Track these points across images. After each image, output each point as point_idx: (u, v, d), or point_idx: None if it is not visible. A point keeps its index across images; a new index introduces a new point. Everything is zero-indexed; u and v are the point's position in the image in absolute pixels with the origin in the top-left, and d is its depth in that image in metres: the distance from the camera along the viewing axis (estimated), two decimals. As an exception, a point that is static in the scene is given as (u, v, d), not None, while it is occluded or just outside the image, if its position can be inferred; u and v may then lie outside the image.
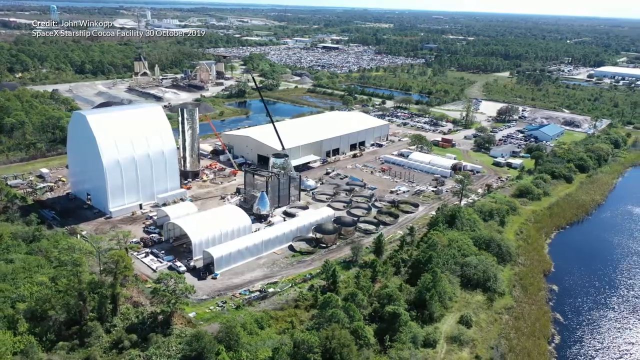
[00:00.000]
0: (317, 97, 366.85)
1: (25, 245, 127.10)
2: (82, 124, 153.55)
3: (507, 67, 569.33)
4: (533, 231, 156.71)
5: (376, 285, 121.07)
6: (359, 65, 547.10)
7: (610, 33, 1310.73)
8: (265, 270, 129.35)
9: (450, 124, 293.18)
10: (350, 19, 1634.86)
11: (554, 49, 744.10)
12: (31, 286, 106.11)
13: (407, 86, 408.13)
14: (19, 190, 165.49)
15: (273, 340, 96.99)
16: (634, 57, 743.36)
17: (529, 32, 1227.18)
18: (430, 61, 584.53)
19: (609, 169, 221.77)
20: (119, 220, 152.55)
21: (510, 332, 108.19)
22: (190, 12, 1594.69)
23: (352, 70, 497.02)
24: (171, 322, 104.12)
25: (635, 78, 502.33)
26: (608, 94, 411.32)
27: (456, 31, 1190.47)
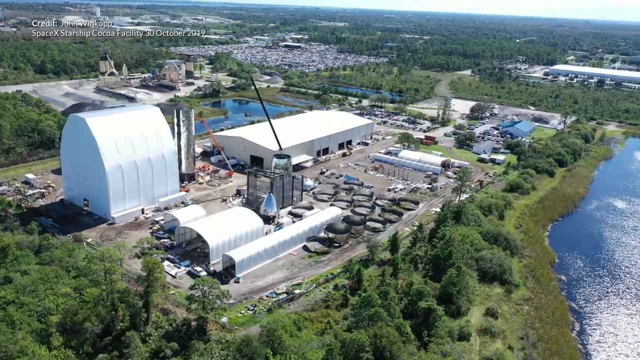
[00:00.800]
0: (291, 96, 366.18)
1: (33, 256, 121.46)
2: (81, 128, 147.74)
3: (468, 66, 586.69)
4: (531, 224, 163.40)
5: (398, 282, 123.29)
6: (325, 64, 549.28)
7: (554, 32, 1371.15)
8: (285, 271, 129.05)
9: (428, 121, 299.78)
10: (304, 17, 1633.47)
11: (508, 48, 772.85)
12: (56, 298, 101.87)
13: (378, 85, 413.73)
14: (8, 198, 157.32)
15: (316, 341, 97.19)
16: (581, 55, 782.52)
17: (479, 31, 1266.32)
18: (393, 60, 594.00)
19: (584, 163, 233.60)
20: (122, 226, 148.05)
21: (534, 322, 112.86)
22: (140, 10, 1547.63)
23: (320, 69, 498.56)
24: (206, 328, 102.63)
25: (587, 76, 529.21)
26: (566, 91, 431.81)
27: (410, 30, 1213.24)
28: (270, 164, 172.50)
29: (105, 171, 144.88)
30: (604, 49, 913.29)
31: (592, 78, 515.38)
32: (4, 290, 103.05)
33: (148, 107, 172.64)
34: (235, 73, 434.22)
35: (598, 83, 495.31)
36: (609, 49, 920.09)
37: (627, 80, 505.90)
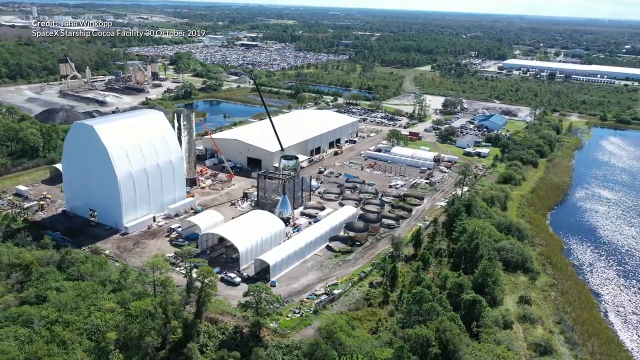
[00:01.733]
0: (264, 96, 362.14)
1: (58, 271, 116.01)
2: (88, 136, 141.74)
3: (426, 62, 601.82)
4: (532, 213, 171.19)
5: (429, 276, 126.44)
6: (287, 62, 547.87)
7: (495, 28, 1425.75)
8: (317, 272, 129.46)
9: (406, 118, 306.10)
10: (251, 15, 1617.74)
11: (459, 44, 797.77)
12: (102, 314, 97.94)
13: (347, 83, 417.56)
14: (4, 212, 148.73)
15: (375, 340, 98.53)
16: (527, 50, 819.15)
17: (425, 28, 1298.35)
18: (354, 57, 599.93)
19: (561, 153, 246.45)
20: (137, 235, 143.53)
21: (564, 306, 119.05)
22: (78, 9, 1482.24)
23: (285, 68, 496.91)
24: (260, 335, 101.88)
25: (538, 69, 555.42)
26: (524, 85, 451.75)
27: (360, 27, 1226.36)
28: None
29: (117, 180, 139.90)
30: (545, 44, 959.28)
31: (543, 72, 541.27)
32: (44, 310, 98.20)
33: (151, 111, 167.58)
34: (201, 73, 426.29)
35: (549, 76, 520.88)
36: (549, 43, 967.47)
37: (575, 73, 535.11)
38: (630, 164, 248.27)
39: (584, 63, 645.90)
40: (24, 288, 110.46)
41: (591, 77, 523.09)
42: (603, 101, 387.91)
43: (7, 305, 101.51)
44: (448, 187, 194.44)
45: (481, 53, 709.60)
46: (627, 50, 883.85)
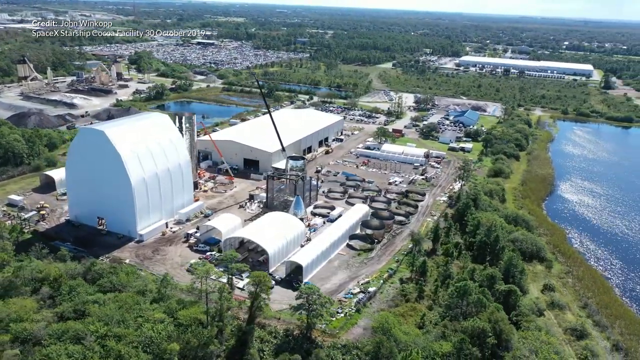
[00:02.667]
0: (236, 95, 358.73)
1: (87, 284, 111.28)
2: (98, 141, 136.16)
3: (386, 59, 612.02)
4: (530, 205, 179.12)
5: (454, 269, 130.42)
6: (249, 61, 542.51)
7: (440, 25, 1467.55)
8: (345, 272, 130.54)
9: (383, 115, 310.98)
10: (197, 12, 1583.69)
11: (413, 41, 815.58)
12: (153, 325, 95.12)
13: (316, 81, 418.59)
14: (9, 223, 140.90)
15: (431, 334, 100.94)
16: (477, 47, 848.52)
17: (374, 25, 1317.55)
18: (315, 56, 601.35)
19: (537, 146, 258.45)
20: (153, 242, 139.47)
21: (584, 292, 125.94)
22: (12, 5, 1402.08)
23: (250, 67, 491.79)
24: (311, 336, 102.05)
25: (493, 66, 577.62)
26: (484, 81, 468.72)
27: (311, 25, 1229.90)
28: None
29: (131, 186, 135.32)
30: (491, 41, 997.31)
31: (498, 68, 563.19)
32: (91, 324, 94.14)
33: (156, 114, 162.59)
34: (166, 73, 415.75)
35: (504, 72, 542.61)
36: (495, 40, 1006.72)
37: (527, 69, 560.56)
38: (600, 155, 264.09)
39: (533, 59, 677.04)
40: (55, 303, 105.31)
41: (542, 73, 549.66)
42: (560, 96, 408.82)
43: (46, 321, 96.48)
44: (444, 182, 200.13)
45: (435, 50, 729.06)
46: (567, 47, 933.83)
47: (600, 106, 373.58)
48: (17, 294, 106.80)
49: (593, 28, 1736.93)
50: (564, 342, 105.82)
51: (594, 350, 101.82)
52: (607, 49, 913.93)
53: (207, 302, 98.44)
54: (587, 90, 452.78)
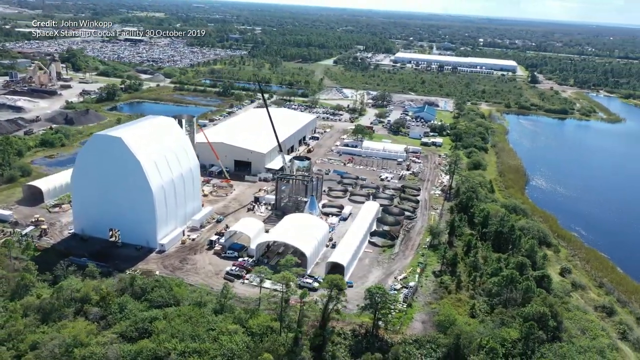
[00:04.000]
0: (190, 94, 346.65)
1: (135, 300, 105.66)
2: (114, 148, 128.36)
3: (325, 56, 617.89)
4: (515, 194, 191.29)
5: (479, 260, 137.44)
6: (189, 59, 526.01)
7: (360, 22, 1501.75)
8: (379, 269, 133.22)
9: (346, 113, 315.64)
10: (111, 7, 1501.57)
11: (345, 38, 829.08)
12: (230, 337, 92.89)
13: (266, 79, 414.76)
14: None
15: (491, 322, 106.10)
16: (405, 44, 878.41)
17: (297, 21, 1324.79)
18: (255, 53, 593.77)
19: (498, 139, 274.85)
20: (175, 252, 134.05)
21: (594, 272, 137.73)
22: None
23: (194, 65, 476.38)
24: (379, 334, 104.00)
25: (428, 62, 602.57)
26: (426, 77, 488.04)
27: (236, 21, 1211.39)
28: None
29: (152, 194, 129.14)
30: (414, 37, 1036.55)
31: (432, 64, 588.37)
32: (167, 343, 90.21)
33: (161, 118, 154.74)
34: (107, 72, 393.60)
35: (439, 68, 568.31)
36: (417, 37, 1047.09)
37: (460, 65, 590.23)
38: (553, 144, 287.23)
39: (460, 55, 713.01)
40: (109, 323, 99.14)
41: (472, 69, 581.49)
42: (498, 90, 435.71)
43: (111, 343, 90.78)
44: (430, 176, 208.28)
45: (368, 47, 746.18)
46: (484, 44, 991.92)
47: (535, 99, 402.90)
48: (59, 317, 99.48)
49: (498, 25, 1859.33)
50: (598, 319, 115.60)
51: (629, 324, 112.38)
52: (520, 46, 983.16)
53: (281, 310, 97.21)
54: (518, 84, 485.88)
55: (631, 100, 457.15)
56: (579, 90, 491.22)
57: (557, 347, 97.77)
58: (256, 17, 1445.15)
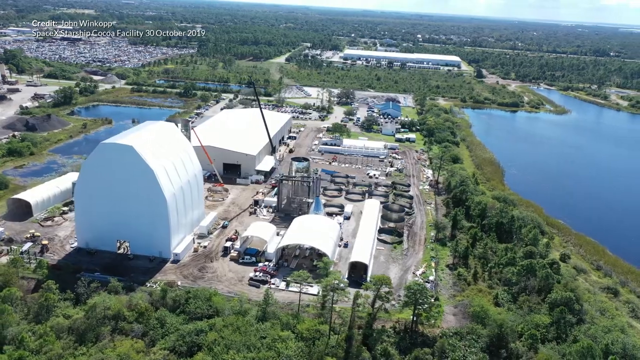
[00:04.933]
0: (149, 96, 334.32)
1: (172, 314, 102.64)
2: (125, 156, 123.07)
3: (275, 54, 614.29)
4: (498, 185, 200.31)
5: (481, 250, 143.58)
6: (137, 58, 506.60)
7: (299, 19, 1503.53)
8: (395, 265, 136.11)
9: (315, 111, 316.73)
10: (34, 3, 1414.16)
11: (291, 35, 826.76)
12: (285, 344, 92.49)
13: (224, 78, 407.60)
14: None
15: (519, 310, 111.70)
16: (349, 40, 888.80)
17: (235, 18, 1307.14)
18: (205, 51, 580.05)
19: (465, 133, 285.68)
20: (191, 261, 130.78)
21: (589, 256, 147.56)
22: None
23: (144, 65, 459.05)
24: (418, 330, 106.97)
25: (378, 59, 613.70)
26: (380, 73, 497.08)
27: (174, 19, 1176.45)
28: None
29: (166, 203, 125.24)
30: (356, 34, 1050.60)
31: (382, 61, 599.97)
32: (225, 355, 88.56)
33: (162, 123, 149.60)
34: (55, 74, 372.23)
35: (388, 65, 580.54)
36: (359, 34, 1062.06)
37: (408, 61, 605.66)
38: (514, 136, 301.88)
39: (404, 52, 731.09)
40: (153, 339, 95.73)
41: (420, 64, 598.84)
42: (450, 85, 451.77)
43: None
44: (413, 171, 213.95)
45: (315, 44, 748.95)
46: (422, 39, 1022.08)
47: (486, 94, 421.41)
48: (96, 337, 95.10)
49: (430, 22, 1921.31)
50: (607, 299, 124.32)
51: (635, 302, 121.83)
52: (456, 41, 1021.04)
53: (331, 313, 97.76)
54: (467, 79, 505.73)
55: (570, 92, 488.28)
56: (521, 83, 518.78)
57: (585, 328, 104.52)
58: (192, 14, 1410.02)
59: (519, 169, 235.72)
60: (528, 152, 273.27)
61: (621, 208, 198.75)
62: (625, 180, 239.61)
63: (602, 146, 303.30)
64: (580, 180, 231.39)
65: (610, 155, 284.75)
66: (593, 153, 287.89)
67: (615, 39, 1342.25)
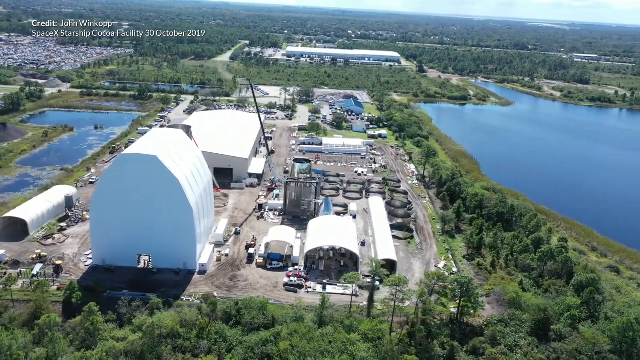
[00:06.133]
0: (103, 100, 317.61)
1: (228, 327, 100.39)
2: (148, 167, 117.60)
3: (217, 52, 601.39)
4: (479, 177, 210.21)
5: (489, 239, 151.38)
6: (73, 59, 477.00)
7: (226, 15, 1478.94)
8: (416, 260, 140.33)
9: (279, 111, 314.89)
10: None
11: (228, 33, 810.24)
12: (357, 346, 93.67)
13: (176, 79, 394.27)
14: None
15: (546, 293, 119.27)
16: (287, 38, 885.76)
17: (161, 15, 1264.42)
18: (143, 51, 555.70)
19: (429, 127, 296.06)
20: (216, 270, 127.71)
21: (581, 238, 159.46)
22: None
23: (84, 67, 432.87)
24: (464, 320, 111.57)
25: (321, 55, 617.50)
26: (329, 70, 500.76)
27: (96, 16, 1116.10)
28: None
29: (192, 213, 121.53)
30: (289, 31, 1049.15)
31: (325, 58, 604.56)
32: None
33: (171, 130, 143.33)
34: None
35: (332, 61, 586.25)
36: (292, 30, 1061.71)
37: (351, 58, 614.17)
38: (476, 127, 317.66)
39: (342, 48, 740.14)
40: (220, 354, 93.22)
41: (361, 61, 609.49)
42: (397, 80, 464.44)
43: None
44: (396, 166, 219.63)
45: (254, 42, 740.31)
46: (355, 35, 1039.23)
47: (434, 88, 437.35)
48: (157, 357, 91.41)
49: (352, 17, 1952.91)
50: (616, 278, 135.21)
51: (638, 279, 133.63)
52: (387, 37, 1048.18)
53: (393, 312, 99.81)
54: (411, 75, 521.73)
55: (506, 84, 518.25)
56: (460, 77, 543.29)
57: (610, 305, 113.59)
58: (113, 11, 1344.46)
59: (491, 160, 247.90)
60: (492, 142, 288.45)
61: (596, 192, 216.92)
62: (590, 167, 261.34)
63: (554, 135, 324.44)
64: (549, 168, 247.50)
65: (566, 143, 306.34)
66: (549, 142, 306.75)
67: (529, 34, 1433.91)
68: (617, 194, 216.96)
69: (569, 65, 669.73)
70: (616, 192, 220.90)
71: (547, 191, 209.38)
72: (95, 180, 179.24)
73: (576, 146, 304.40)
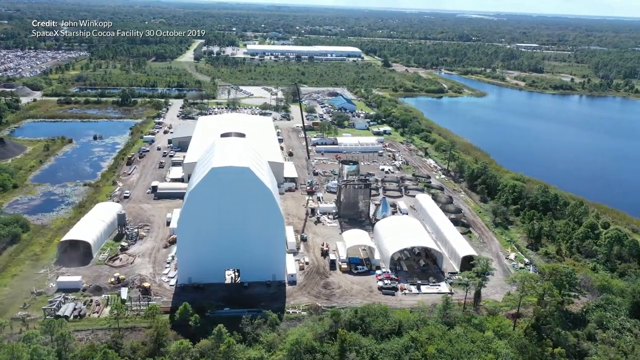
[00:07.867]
0: (84, 107, 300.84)
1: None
2: (241, 180, 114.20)
3: (179, 52, 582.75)
4: (500, 167, 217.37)
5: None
6: (31, 66, 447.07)
7: (176, 14, 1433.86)
8: (485, 253, 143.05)
9: (274, 111, 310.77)
10: None
11: (180, 30, 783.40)
12: (497, 343, 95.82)
13: (152, 82, 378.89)
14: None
15: (628, 278, 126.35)
16: (240, 35, 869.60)
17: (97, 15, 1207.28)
18: (102, 54, 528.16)
19: (425, 122, 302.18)
20: (305, 279, 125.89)
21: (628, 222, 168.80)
22: None
23: (45, 72, 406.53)
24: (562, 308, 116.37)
25: (284, 53, 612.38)
26: (300, 68, 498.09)
27: (26, 17, 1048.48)
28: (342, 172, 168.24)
29: (283, 223, 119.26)
30: (237, 28, 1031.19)
31: (289, 55, 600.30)
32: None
33: (238, 139, 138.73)
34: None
35: (297, 58, 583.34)
36: (241, 27, 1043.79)
37: (314, 54, 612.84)
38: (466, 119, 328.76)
39: (300, 44, 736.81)
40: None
41: (325, 57, 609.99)
42: (370, 76, 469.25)
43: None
44: (415, 162, 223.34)
45: (211, 41, 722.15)
46: (305, 32, 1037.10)
47: (409, 82, 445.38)
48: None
49: (289, 12, 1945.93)
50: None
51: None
52: (337, 32, 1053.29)
53: (518, 307, 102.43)
54: (380, 70, 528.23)
55: (470, 76, 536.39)
56: (425, 70, 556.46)
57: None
58: (42, 11, 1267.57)
59: (500, 151, 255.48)
60: (491, 134, 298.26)
61: (613, 177, 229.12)
62: (602, 154, 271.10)
63: (547, 124, 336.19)
64: (560, 155, 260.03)
65: (566, 133, 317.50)
66: (545, 130, 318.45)
67: (464, 25, 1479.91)
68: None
69: (519, 55, 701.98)
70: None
71: (566, 178, 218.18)
72: (129, 195, 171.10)
73: (582, 135, 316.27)
